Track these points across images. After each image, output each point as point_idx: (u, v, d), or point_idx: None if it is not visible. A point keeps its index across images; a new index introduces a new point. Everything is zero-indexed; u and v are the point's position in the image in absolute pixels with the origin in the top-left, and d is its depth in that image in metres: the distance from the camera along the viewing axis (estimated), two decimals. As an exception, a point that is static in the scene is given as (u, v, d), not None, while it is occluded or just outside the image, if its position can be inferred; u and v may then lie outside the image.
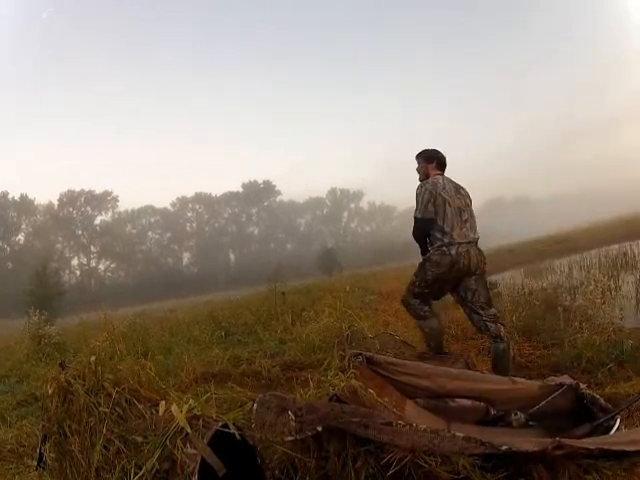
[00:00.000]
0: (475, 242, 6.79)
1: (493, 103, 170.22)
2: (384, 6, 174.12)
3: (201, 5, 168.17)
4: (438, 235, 6.69)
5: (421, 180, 7.12)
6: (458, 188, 7.00)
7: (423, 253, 6.99)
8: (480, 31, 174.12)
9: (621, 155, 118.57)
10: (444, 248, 6.62)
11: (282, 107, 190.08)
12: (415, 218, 6.91)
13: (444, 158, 7.23)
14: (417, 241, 7.05)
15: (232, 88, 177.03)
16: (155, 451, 3.10)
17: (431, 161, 7.18)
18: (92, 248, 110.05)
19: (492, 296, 7.17)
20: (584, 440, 3.63)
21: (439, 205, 6.68)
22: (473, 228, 6.85)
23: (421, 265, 6.91)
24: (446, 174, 7.12)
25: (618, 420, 4.21)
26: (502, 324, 6.75)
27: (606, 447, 3.30)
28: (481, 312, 6.63)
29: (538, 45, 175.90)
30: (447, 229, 6.63)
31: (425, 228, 6.83)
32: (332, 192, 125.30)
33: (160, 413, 3.31)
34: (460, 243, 6.62)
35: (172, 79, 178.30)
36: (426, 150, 7.28)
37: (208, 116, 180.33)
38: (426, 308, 6.96)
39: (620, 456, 3.25)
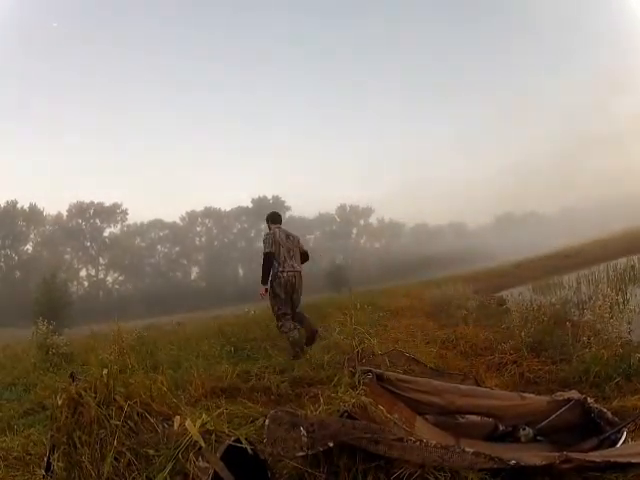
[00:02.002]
0: (299, 271, 10.70)
1: (499, 118, 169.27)
2: (389, 22, 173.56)
3: (210, 12, 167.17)
4: (276, 265, 10.40)
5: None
6: (288, 235, 10.78)
7: (264, 281, 10.47)
8: (483, 44, 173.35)
9: (630, 167, 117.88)
10: (279, 273, 10.36)
11: (292, 122, 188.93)
12: (265, 253, 10.43)
13: (279, 216, 11.35)
14: (265, 270, 10.45)
15: (243, 102, 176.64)
16: (167, 464, 3.14)
17: (269, 220, 11.19)
18: (100, 260, 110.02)
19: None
20: (591, 453, 3.67)
21: (276, 247, 10.45)
22: (297, 261, 10.72)
23: (272, 296, 10.48)
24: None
25: (625, 433, 4.23)
26: (309, 324, 10.56)
27: (612, 459, 3.35)
28: (298, 312, 10.61)
29: (543, 57, 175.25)
30: (281, 261, 10.42)
31: (271, 259, 10.39)
32: (341, 208, 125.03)
33: (175, 427, 3.33)
34: (289, 271, 10.46)
35: (182, 92, 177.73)
36: (269, 214, 11.43)
37: (219, 130, 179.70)
38: (290, 324, 10.30)
39: (626, 467, 3.28)
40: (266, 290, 10.55)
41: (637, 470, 3.29)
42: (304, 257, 11.06)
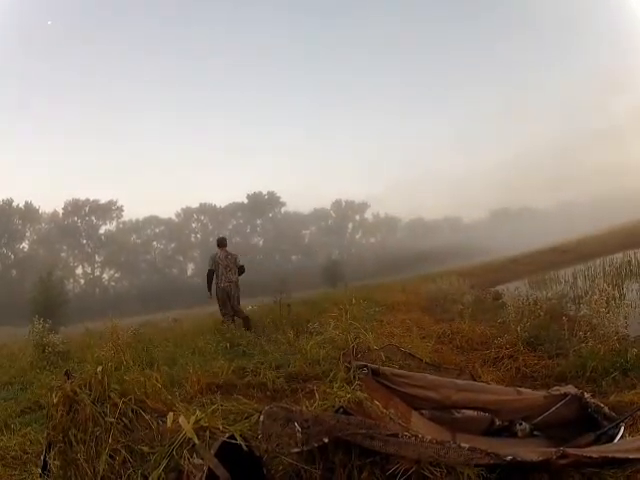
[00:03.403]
0: (234, 281, 14.66)
1: (496, 113, 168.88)
2: (388, 20, 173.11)
3: (208, 8, 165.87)
4: (216, 279, 14.51)
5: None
6: (227, 255, 14.84)
7: (208, 289, 14.63)
8: (481, 41, 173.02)
9: (628, 163, 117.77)
10: (218, 284, 14.46)
11: (290, 121, 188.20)
12: (208, 270, 14.73)
13: (224, 239, 15.45)
14: (207, 282, 14.67)
15: (242, 101, 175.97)
16: (162, 461, 3.12)
17: (217, 244, 15.16)
18: (96, 257, 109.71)
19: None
20: (588, 449, 3.65)
21: (216, 265, 14.57)
22: (235, 274, 14.67)
23: (217, 299, 14.54)
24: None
25: (622, 428, 4.22)
26: (244, 316, 14.46)
27: (610, 455, 3.32)
28: (237, 310, 14.64)
29: (540, 53, 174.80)
30: (219, 276, 14.50)
31: (211, 275, 14.57)
32: (337, 203, 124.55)
33: (168, 424, 3.32)
34: (224, 282, 14.44)
35: (179, 91, 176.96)
36: (217, 239, 15.59)
37: (216, 128, 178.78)
38: (227, 317, 14.28)
39: (623, 463, 3.27)
40: (210, 296, 14.74)
41: (635, 466, 3.27)
42: (241, 270, 15.10)
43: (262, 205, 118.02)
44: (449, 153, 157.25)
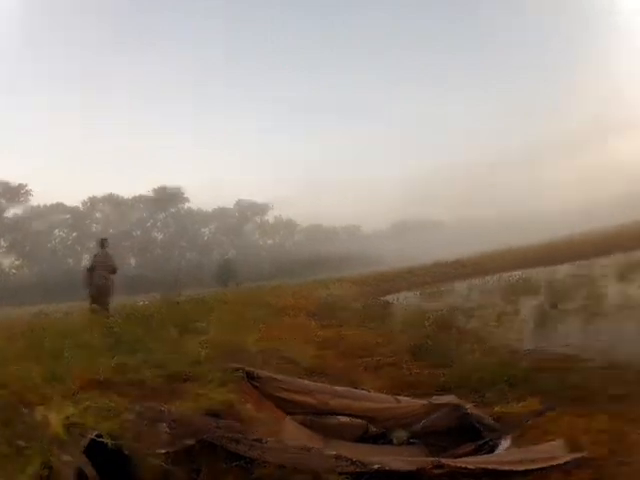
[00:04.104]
0: (109, 278, 15.60)
1: (411, 127, 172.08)
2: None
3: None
4: (93, 276, 15.31)
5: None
6: (105, 255, 15.98)
7: (85, 285, 15.67)
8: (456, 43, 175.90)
9: (538, 183, 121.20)
10: (94, 282, 15.25)
11: (205, 117, 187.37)
12: (87, 268, 15.99)
13: (105, 240, 16.62)
14: (84, 277, 15.84)
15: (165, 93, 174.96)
16: (36, 457, 3.07)
17: (99, 245, 16.39)
18: (2, 242, 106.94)
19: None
20: (465, 459, 3.73)
21: (95, 264, 15.56)
22: (107, 273, 15.57)
23: (90, 292, 15.46)
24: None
25: (508, 439, 4.31)
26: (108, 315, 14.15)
27: (490, 467, 3.39)
28: (106, 307, 15.12)
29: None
30: (96, 274, 15.30)
31: (88, 273, 15.54)
32: (239, 203, 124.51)
33: (38, 419, 3.27)
34: (101, 280, 15.29)
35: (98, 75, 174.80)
36: (99, 240, 16.75)
37: (139, 120, 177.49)
38: (97, 311, 14.21)
39: (500, 475, 3.35)
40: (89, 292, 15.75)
41: (511, 478, 3.36)
42: (113, 270, 16.11)
43: (165, 200, 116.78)
44: (356, 163, 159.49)
